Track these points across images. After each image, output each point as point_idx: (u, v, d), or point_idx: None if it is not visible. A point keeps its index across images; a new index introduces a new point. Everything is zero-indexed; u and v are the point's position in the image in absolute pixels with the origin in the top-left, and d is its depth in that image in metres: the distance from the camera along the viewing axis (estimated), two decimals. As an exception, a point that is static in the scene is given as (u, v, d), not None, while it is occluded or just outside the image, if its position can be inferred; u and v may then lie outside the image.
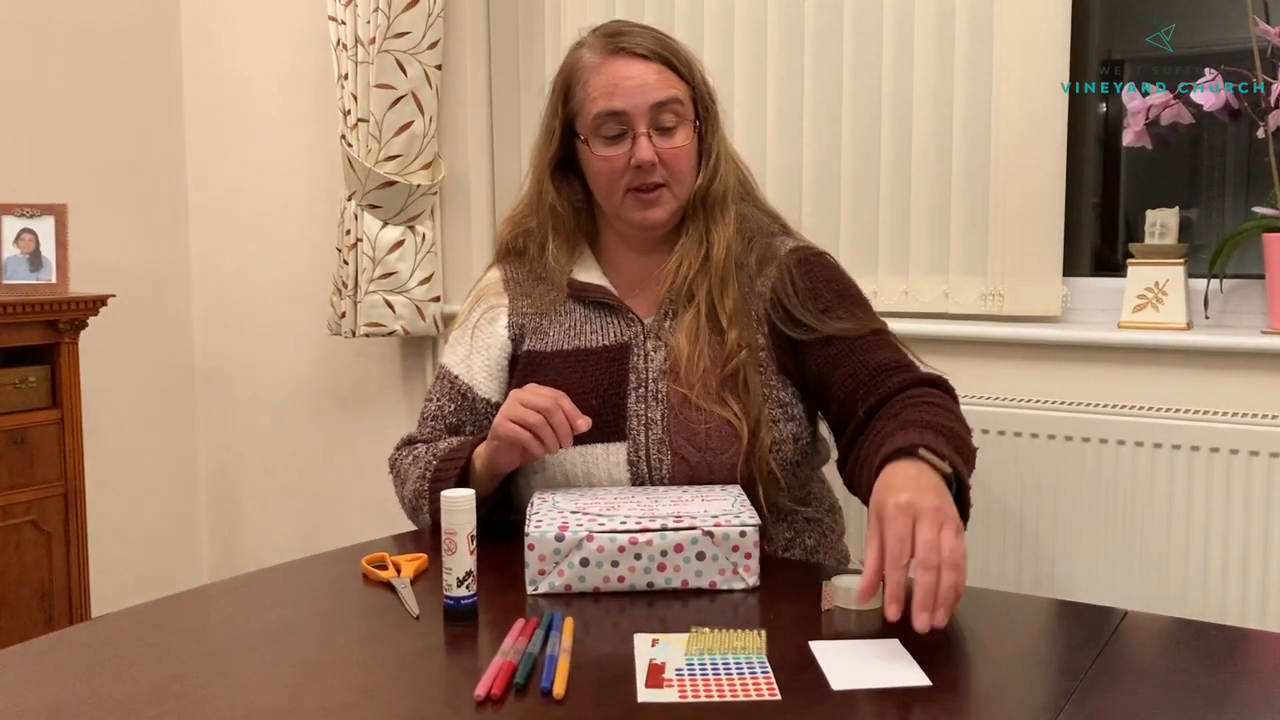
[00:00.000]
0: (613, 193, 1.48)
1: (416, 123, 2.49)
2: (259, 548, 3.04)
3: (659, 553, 1.22)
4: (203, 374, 3.12)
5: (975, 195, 2.05)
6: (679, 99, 1.47)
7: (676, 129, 1.47)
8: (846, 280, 1.54)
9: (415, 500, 1.48)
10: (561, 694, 0.97)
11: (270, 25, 2.88)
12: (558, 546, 1.22)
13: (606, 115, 1.45)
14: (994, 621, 1.19)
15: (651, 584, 1.23)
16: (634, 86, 1.45)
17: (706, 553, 1.22)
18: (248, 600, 1.27)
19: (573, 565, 1.22)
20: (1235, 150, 2.07)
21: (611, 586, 1.23)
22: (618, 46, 1.48)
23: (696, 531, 1.22)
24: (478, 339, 1.56)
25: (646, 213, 1.48)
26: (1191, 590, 1.84)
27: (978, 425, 1.98)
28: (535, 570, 1.23)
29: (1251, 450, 1.78)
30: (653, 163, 1.45)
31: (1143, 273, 1.94)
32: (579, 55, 1.51)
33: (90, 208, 2.81)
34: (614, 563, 1.22)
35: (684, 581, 1.23)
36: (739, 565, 1.23)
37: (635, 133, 1.45)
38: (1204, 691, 0.99)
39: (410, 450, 1.54)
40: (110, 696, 0.98)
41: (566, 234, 1.54)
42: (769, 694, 0.97)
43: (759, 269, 1.50)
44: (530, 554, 1.23)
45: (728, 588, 1.23)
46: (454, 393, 1.55)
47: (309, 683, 1.02)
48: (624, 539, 1.22)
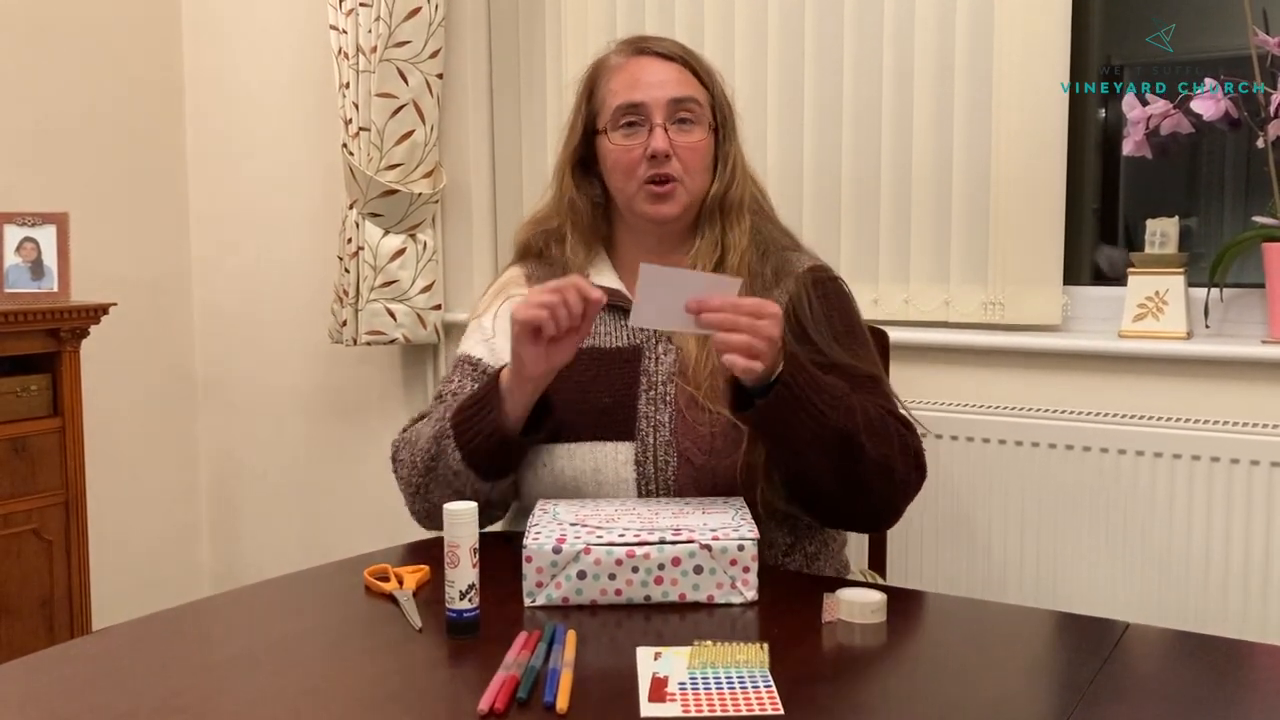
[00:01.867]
0: (627, 183, 1.51)
1: (418, 131, 2.50)
2: (260, 556, 3.04)
3: (656, 566, 1.22)
4: (204, 382, 3.12)
5: (976, 204, 2.06)
6: (697, 100, 1.51)
7: (693, 126, 1.51)
8: (856, 314, 1.57)
9: (437, 442, 1.44)
10: (565, 708, 0.97)
11: (272, 34, 2.88)
12: (555, 559, 1.22)
13: (626, 107, 1.50)
14: (997, 634, 1.19)
15: (649, 597, 1.23)
16: (655, 82, 1.50)
17: (704, 566, 1.22)
18: (250, 613, 1.27)
19: (570, 578, 1.22)
20: (1235, 159, 2.07)
21: (609, 599, 1.22)
22: (642, 48, 1.55)
23: (694, 545, 1.22)
24: (500, 325, 1.56)
25: (658, 206, 1.51)
26: (1192, 600, 1.84)
27: (979, 434, 1.99)
28: (533, 582, 1.23)
29: (1253, 460, 1.78)
30: (667, 153, 1.48)
31: (1143, 282, 1.94)
32: (605, 58, 1.57)
33: (92, 216, 2.81)
34: (611, 575, 1.22)
35: (681, 595, 1.23)
36: (737, 579, 1.23)
37: (652, 124, 1.49)
38: (1207, 705, 0.99)
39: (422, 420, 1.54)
40: (114, 711, 0.98)
41: (584, 231, 1.58)
42: (771, 708, 0.97)
43: (775, 280, 1.53)
44: (528, 566, 1.23)
45: (725, 601, 1.23)
46: (477, 374, 1.55)
47: (312, 697, 1.02)
48: (621, 552, 1.21)
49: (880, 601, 1.18)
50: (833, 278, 1.57)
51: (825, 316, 1.51)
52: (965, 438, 2.00)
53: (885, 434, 1.40)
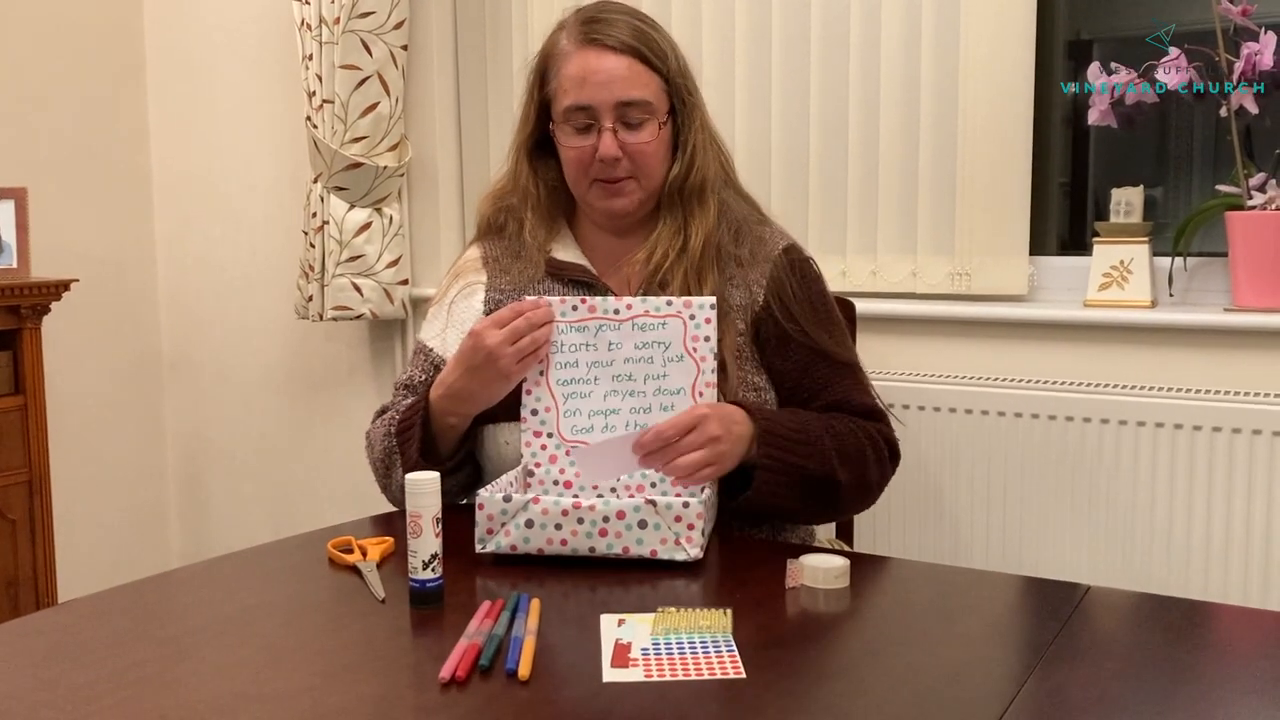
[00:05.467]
0: (579, 181, 1.51)
1: (382, 104, 2.47)
2: (228, 533, 3.02)
3: (601, 519, 1.25)
4: (169, 359, 3.09)
5: (942, 175, 2.06)
6: (648, 100, 1.47)
7: (643, 125, 1.48)
8: (830, 297, 1.58)
9: (386, 457, 1.49)
10: (526, 675, 0.96)
11: (233, 5, 2.84)
12: (505, 507, 1.26)
13: (574, 109, 1.47)
14: (960, 598, 1.20)
15: (594, 549, 1.25)
16: (601, 82, 1.46)
17: (649, 521, 1.24)
18: (212, 585, 1.26)
19: (519, 526, 1.26)
20: (1203, 130, 2.08)
21: (555, 549, 1.26)
22: (591, 37, 1.48)
23: (639, 500, 1.25)
24: (454, 314, 1.57)
25: (610, 202, 1.51)
26: (1156, 565, 1.86)
27: (946, 404, 2.00)
28: (484, 529, 1.27)
29: (1214, 426, 1.80)
30: (616, 158, 1.46)
31: (1108, 251, 1.95)
32: (557, 39, 1.52)
33: (52, 191, 2.77)
34: (557, 525, 1.25)
35: (625, 549, 1.25)
36: (680, 536, 1.24)
37: (600, 127, 1.46)
38: (1165, 664, 1.00)
39: (380, 418, 1.56)
40: (71, 684, 0.97)
41: (544, 212, 1.56)
42: (734, 672, 0.97)
43: (751, 259, 1.53)
44: (480, 514, 1.27)
45: (669, 558, 1.24)
46: (428, 364, 1.56)
47: (272, 667, 1.01)
48: (568, 503, 1.25)
49: (843, 567, 1.19)
50: (806, 259, 1.57)
51: (807, 299, 1.52)
52: (933, 408, 2.01)
53: (859, 457, 1.45)
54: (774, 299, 1.50)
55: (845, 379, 1.51)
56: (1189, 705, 0.92)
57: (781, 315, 1.50)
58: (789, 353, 1.50)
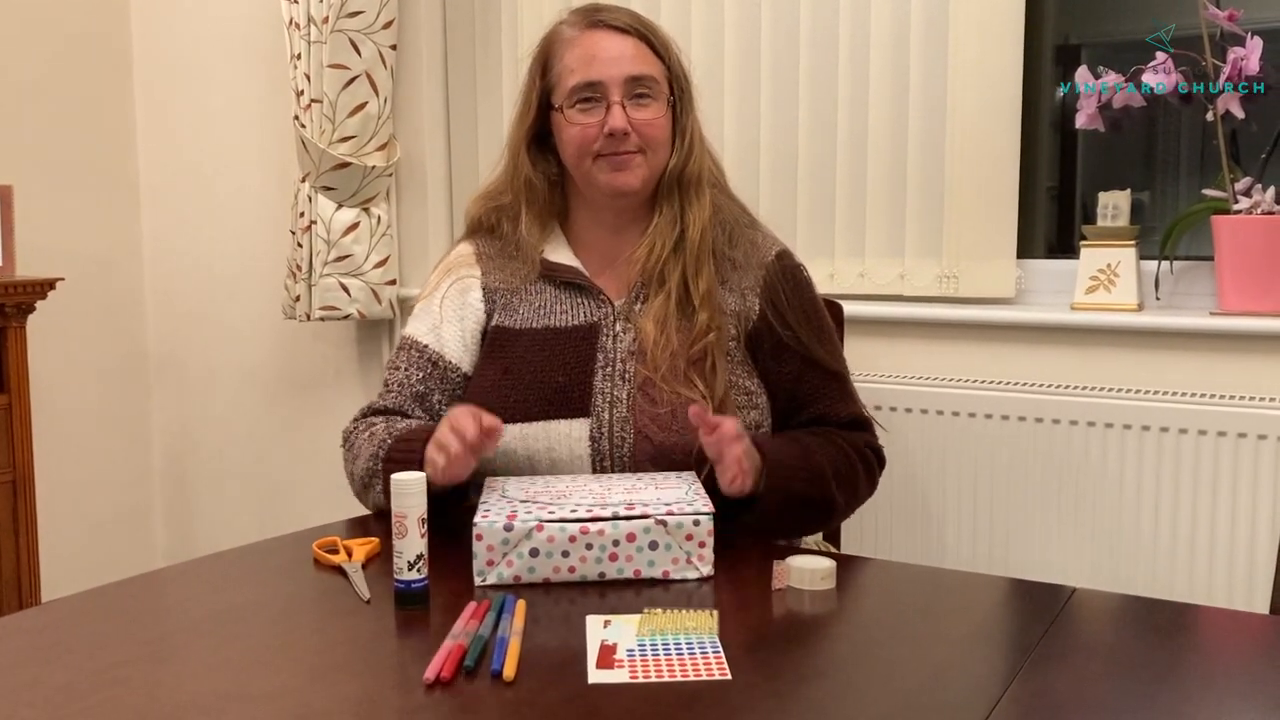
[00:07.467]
0: (583, 159, 1.49)
1: (371, 104, 2.47)
2: (214, 533, 3.01)
3: (611, 542, 1.20)
4: (156, 358, 3.07)
5: (931, 178, 2.06)
6: (654, 77, 1.49)
7: (651, 101, 1.48)
8: (821, 305, 1.59)
9: (367, 478, 1.46)
10: (512, 676, 0.96)
11: (221, 4, 2.83)
12: (506, 536, 1.19)
13: (582, 85, 1.47)
14: (946, 600, 1.20)
15: (603, 574, 1.21)
16: (610, 58, 1.47)
17: (660, 542, 1.21)
18: (196, 585, 1.26)
19: (522, 555, 1.19)
20: (1190, 135, 2.09)
21: (562, 577, 1.20)
22: (596, 20, 1.50)
23: (649, 520, 1.20)
24: (448, 308, 1.55)
25: (617, 175, 1.48)
26: (1141, 568, 1.86)
27: (933, 406, 2.00)
28: (484, 561, 1.20)
29: (1200, 430, 1.80)
30: (625, 131, 1.46)
31: (1095, 255, 1.96)
32: (558, 30, 1.53)
33: (38, 189, 2.75)
34: (565, 553, 1.20)
35: (636, 571, 1.21)
36: (692, 554, 1.21)
37: (609, 101, 1.46)
38: (1149, 666, 1.00)
39: (368, 424, 1.51)
40: (52, 684, 0.97)
41: (540, 208, 1.55)
42: (720, 674, 0.97)
43: (745, 263, 1.53)
44: (478, 545, 1.20)
45: (681, 577, 1.21)
46: (422, 360, 1.53)
47: (256, 667, 1.01)
48: (574, 528, 1.19)
49: (829, 568, 1.19)
50: (798, 265, 1.57)
51: (800, 306, 1.53)
52: (920, 410, 2.01)
53: (852, 476, 1.47)
54: (769, 306, 1.50)
55: (834, 389, 1.53)
56: (1174, 707, 0.92)
57: (777, 322, 1.50)
58: (783, 360, 1.50)
